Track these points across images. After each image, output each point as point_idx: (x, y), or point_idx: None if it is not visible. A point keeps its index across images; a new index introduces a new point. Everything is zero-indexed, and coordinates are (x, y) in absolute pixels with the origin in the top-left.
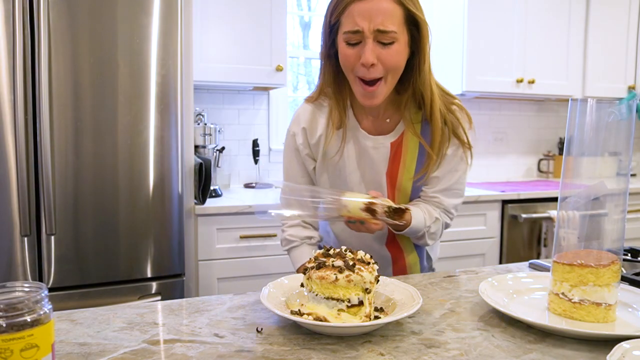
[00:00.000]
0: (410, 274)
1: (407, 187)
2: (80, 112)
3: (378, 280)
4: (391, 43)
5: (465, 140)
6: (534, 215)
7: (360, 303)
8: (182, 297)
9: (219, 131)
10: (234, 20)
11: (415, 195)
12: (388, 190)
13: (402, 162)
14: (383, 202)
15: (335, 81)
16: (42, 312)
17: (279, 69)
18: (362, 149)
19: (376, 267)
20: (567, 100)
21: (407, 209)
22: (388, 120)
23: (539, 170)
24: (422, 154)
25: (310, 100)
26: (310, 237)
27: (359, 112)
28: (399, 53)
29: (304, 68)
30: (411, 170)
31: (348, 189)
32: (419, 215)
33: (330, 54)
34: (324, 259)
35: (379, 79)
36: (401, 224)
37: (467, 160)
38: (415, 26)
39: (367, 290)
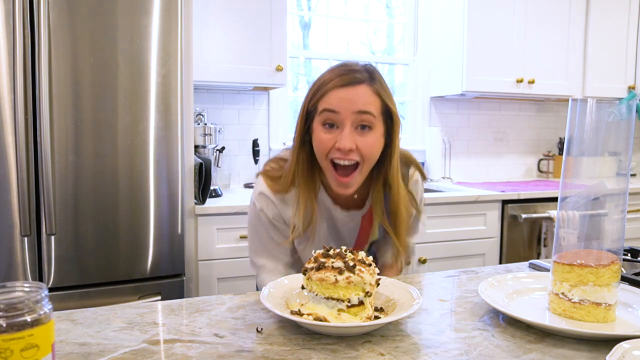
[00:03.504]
0: (408, 275)
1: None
2: (80, 112)
3: (378, 284)
4: (369, 128)
5: (417, 210)
6: (534, 215)
7: (361, 303)
8: (182, 297)
9: (219, 131)
10: (234, 20)
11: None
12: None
13: (371, 230)
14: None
15: (309, 168)
16: (42, 312)
17: (279, 69)
18: (334, 222)
19: (377, 269)
20: (567, 100)
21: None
22: (356, 196)
23: (539, 170)
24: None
25: (275, 190)
26: None
27: (331, 190)
28: (375, 141)
29: (304, 68)
30: (375, 234)
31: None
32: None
33: (304, 141)
34: (323, 260)
35: (353, 170)
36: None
37: (424, 223)
38: (389, 119)
39: (367, 293)
